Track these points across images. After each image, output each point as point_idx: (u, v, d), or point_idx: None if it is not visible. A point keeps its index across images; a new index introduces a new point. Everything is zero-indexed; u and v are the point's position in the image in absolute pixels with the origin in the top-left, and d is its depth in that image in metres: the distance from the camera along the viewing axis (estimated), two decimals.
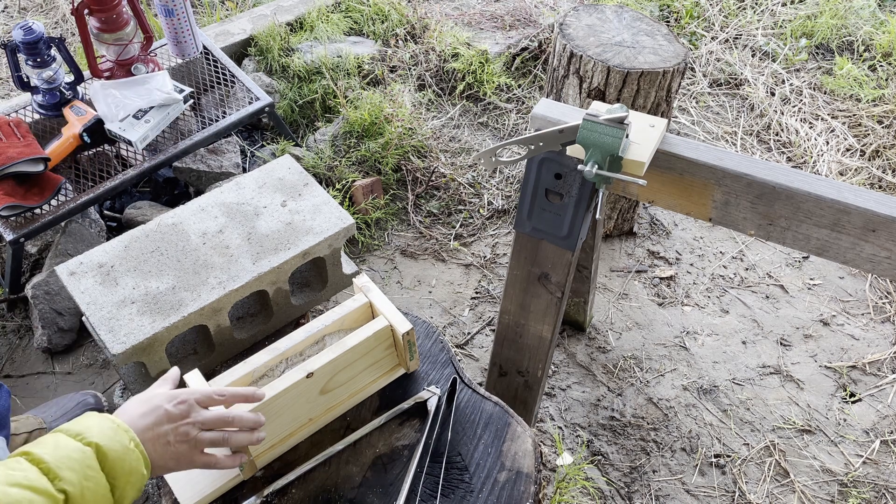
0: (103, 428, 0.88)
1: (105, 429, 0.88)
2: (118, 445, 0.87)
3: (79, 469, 0.82)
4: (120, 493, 0.87)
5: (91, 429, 0.88)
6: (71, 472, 0.82)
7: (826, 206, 1.17)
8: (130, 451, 0.88)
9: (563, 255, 1.44)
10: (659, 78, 1.86)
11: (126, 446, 0.88)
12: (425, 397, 1.26)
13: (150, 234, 1.56)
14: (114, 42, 2.09)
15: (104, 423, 0.89)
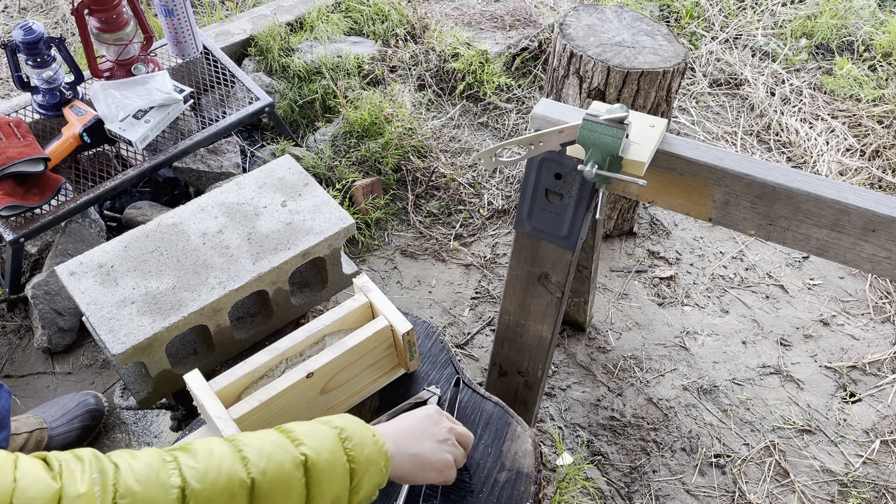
0: (348, 419, 0.93)
1: (349, 419, 0.92)
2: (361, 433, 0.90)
3: (321, 443, 0.85)
4: (357, 481, 0.88)
5: (340, 417, 0.92)
6: (314, 440, 0.85)
7: (826, 206, 1.17)
8: (372, 441, 0.91)
9: (563, 255, 1.44)
10: (659, 78, 1.86)
11: (369, 437, 0.91)
12: (425, 397, 1.26)
13: (150, 234, 1.56)
14: (114, 42, 2.09)
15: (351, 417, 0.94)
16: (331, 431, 0.88)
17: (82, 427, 1.79)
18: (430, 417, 1.03)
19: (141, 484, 0.71)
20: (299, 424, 0.88)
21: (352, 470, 0.87)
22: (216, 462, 0.77)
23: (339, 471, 0.85)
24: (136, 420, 1.90)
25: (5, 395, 1.53)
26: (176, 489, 0.72)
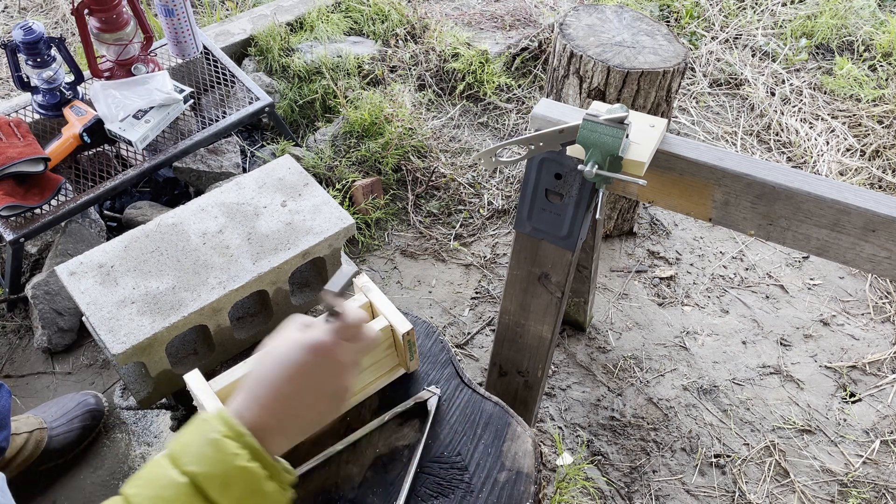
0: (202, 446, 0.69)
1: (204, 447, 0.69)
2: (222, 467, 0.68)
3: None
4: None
5: (188, 449, 0.69)
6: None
7: (826, 206, 1.17)
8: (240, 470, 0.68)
9: (563, 255, 1.44)
10: (659, 78, 1.86)
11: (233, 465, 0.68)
12: (425, 397, 1.26)
13: (150, 234, 1.56)
14: (114, 42, 2.09)
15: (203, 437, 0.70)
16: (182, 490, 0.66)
17: (82, 427, 1.79)
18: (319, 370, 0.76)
19: None
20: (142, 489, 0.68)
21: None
22: None
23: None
24: (136, 420, 1.90)
25: (5, 394, 1.53)
26: None
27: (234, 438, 0.69)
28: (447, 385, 1.29)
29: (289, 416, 0.74)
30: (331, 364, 0.77)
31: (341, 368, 0.78)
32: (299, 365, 0.75)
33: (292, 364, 0.75)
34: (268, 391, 0.74)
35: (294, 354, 0.76)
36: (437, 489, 1.15)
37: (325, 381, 0.77)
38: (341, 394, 0.79)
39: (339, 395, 0.79)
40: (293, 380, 0.75)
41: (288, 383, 0.75)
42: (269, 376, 0.75)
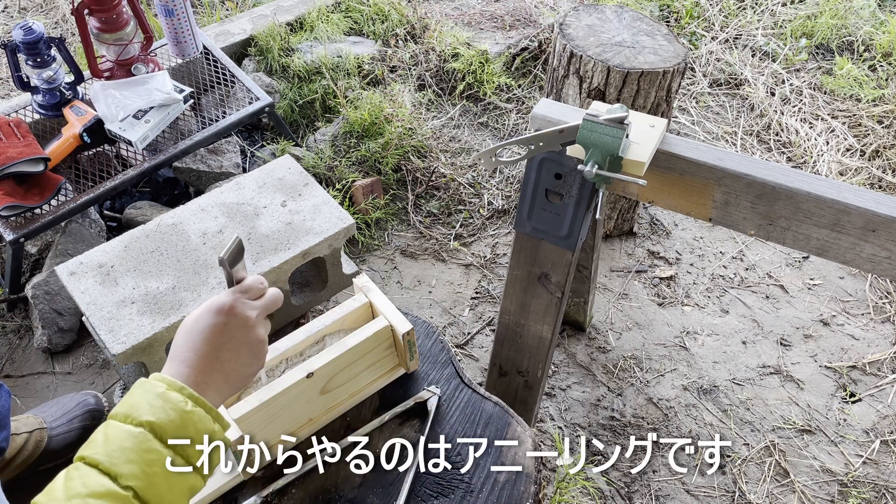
0: (151, 399, 0.78)
1: (153, 399, 0.78)
2: (173, 414, 0.78)
3: (137, 457, 0.74)
4: (199, 458, 0.79)
5: (138, 406, 0.78)
6: (129, 464, 0.74)
7: (826, 206, 1.17)
8: (189, 413, 0.78)
9: (563, 255, 1.44)
10: (659, 78, 1.86)
11: (183, 410, 0.78)
12: (425, 397, 1.26)
13: (150, 234, 1.56)
14: (114, 42, 2.09)
15: (151, 392, 0.79)
16: (141, 436, 0.75)
17: (82, 427, 1.79)
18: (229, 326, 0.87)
19: None
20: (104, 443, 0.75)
21: (186, 457, 0.77)
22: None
23: (175, 472, 0.76)
24: None
25: (5, 394, 1.53)
26: None
27: (178, 391, 0.80)
28: (447, 385, 1.29)
29: (214, 371, 0.85)
30: (236, 319, 0.88)
31: (247, 321, 0.89)
32: (210, 326, 0.87)
33: (204, 327, 0.87)
34: (190, 353, 0.85)
35: (203, 318, 0.87)
36: (437, 489, 1.15)
37: (236, 336, 0.87)
38: (256, 346, 0.90)
39: (255, 348, 0.90)
40: (208, 340, 0.86)
41: (204, 343, 0.86)
42: (188, 342, 0.86)
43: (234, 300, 0.89)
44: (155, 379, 0.82)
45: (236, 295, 0.90)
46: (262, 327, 0.92)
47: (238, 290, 0.91)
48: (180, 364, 0.85)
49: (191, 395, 0.81)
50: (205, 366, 0.85)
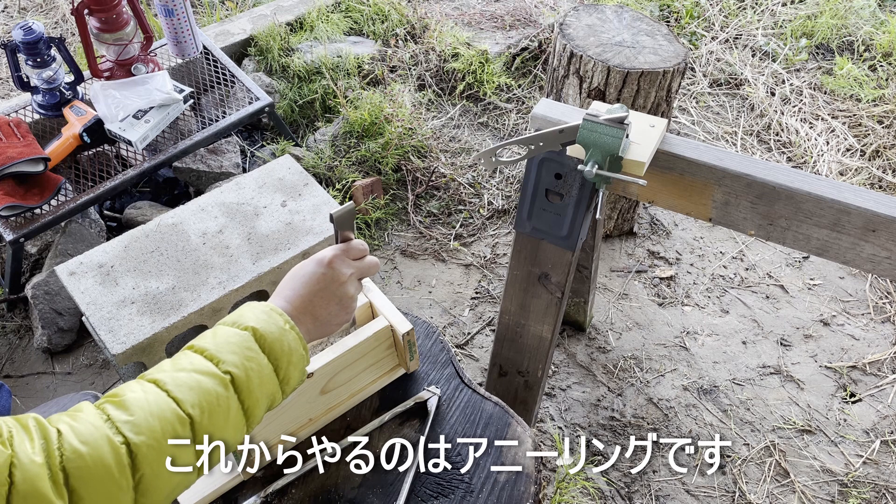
0: (257, 313, 0.90)
1: (259, 313, 0.90)
2: (274, 327, 0.89)
3: (239, 351, 0.85)
4: (284, 374, 0.89)
5: (245, 316, 0.90)
6: (232, 354, 0.84)
7: (826, 206, 1.17)
8: (286, 331, 0.90)
9: (563, 255, 1.44)
10: (659, 78, 1.86)
11: (282, 327, 0.89)
12: (425, 397, 1.26)
13: (150, 234, 1.56)
14: (114, 42, 2.09)
15: (258, 308, 0.91)
16: (245, 336, 0.87)
17: None
18: (325, 277, 0.98)
19: (87, 445, 0.73)
20: (212, 337, 0.87)
21: (276, 367, 0.88)
22: (149, 409, 0.78)
23: (265, 373, 0.87)
24: None
25: (5, 394, 1.53)
26: (121, 445, 0.74)
27: (279, 314, 0.91)
28: (447, 385, 1.29)
29: (307, 313, 0.96)
30: (333, 273, 0.98)
31: (340, 277, 0.99)
32: (310, 273, 0.98)
33: (306, 273, 0.98)
34: (290, 292, 0.97)
35: (307, 266, 0.99)
36: (437, 489, 1.15)
37: (330, 286, 0.98)
38: (346, 300, 1.00)
39: (344, 301, 0.99)
40: (307, 284, 0.97)
41: (303, 286, 0.97)
42: (291, 283, 0.98)
43: (334, 256, 0.99)
44: (261, 303, 0.93)
45: (338, 251, 1.00)
46: (353, 286, 1.01)
47: (340, 248, 1.01)
48: (281, 299, 0.96)
49: (288, 320, 0.91)
50: (300, 305, 0.96)
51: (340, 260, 1.00)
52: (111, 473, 0.73)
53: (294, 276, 0.99)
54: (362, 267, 1.03)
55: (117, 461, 0.73)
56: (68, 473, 0.71)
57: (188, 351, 0.86)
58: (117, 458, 0.73)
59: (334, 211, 1.00)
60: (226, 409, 0.82)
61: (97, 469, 0.72)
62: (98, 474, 0.72)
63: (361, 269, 1.03)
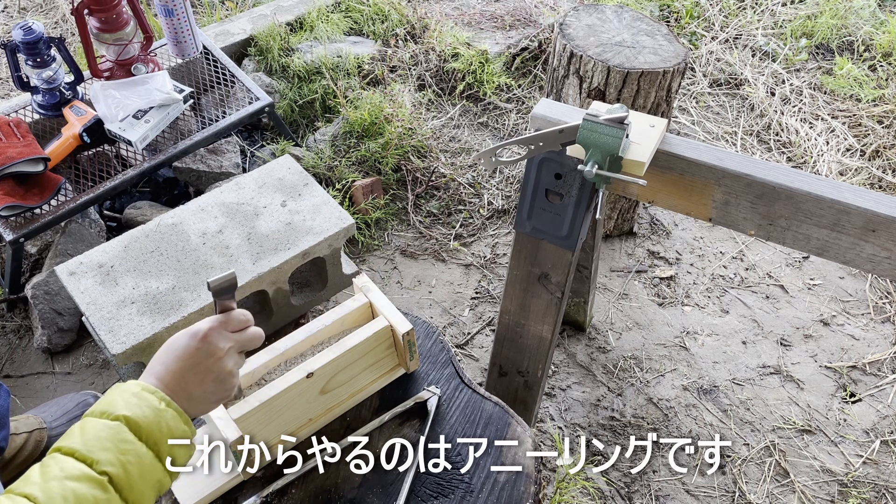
0: (127, 398, 0.85)
1: (129, 398, 0.85)
2: (147, 410, 0.84)
3: (112, 446, 0.80)
4: (168, 456, 0.85)
5: (115, 403, 0.85)
6: (105, 451, 0.79)
7: (826, 206, 1.17)
8: (162, 412, 0.85)
9: (563, 255, 1.44)
10: (659, 78, 1.86)
11: (156, 408, 0.85)
12: (425, 397, 1.26)
13: (150, 234, 1.56)
14: (114, 42, 2.09)
15: (127, 392, 0.86)
16: (117, 428, 0.82)
17: None
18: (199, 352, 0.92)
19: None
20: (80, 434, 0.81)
21: (157, 452, 0.84)
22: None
23: (146, 462, 0.82)
24: None
25: (5, 394, 1.53)
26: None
27: (151, 393, 0.86)
28: (447, 385, 1.29)
29: (179, 390, 0.90)
30: (208, 347, 0.92)
31: (218, 351, 0.93)
32: (183, 347, 0.92)
33: (178, 347, 0.92)
34: (162, 367, 0.91)
35: (180, 339, 0.93)
36: (437, 489, 1.15)
37: (205, 361, 0.92)
38: (223, 376, 0.94)
39: (222, 377, 0.94)
40: (179, 360, 0.91)
41: (175, 362, 0.91)
42: (163, 358, 0.92)
43: (209, 328, 0.93)
44: (130, 383, 0.88)
45: (215, 324, 0.94)
46: (232, 360, 0.95)
47: (218, 320, 0.95)
48: (151, 376, 0.91)
49: (163, 398, 0.87)
50: (171, 382, 0.90)
51: (217, 333, 0.94)
52: None
53: (166, 350, 0.93)
54: (242, 340, 0.96)
55: None
56: None
57: (57, 454, 0.80)
58: None
59: (211, 279, 0.93)
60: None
61: None
62: None
63: (241, 342, 0.96)
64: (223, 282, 0.94)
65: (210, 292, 0.94)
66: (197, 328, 0.93)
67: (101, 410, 0.84)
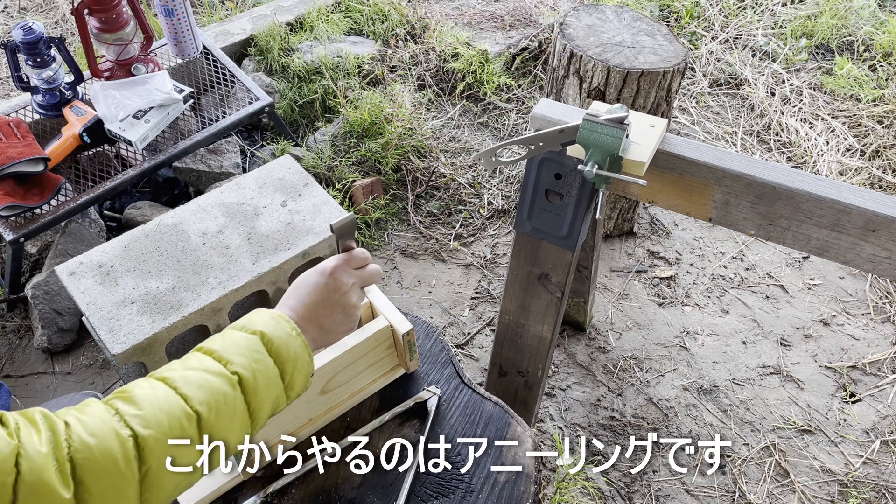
0: (266, 318, 0.92)
1: (268, 319, 0.92)
2: (281, 333, 0.91)
3: (247, 353, 0.87)
4: (289, 379, 0.91)
5: (254, 320, 0.92)
6: (240, 356, 0.86)
7: (826, 206, 1.17)
8: (293, 337, 0.92)
9: (563, 255, 1.44)
10: (659, 78, 1.86)
11: (289, 333, 0.92)
12: (425, 397, 1.26)
13: (150, 234, 1.56)
14: (114, 42, 2.09)
15: (266, 314, 0.94)
16: (253, 340, 0.89)
17: None
18: (328, 287, 1.00)
19: (95, 437, 0.73)
20: (221, 339, 0.89)
21: (282, 371, 0.90)
22: (157, 405, 0.79)
23: (271, 376, 0.88)
24: None
25: (5, 394, 1.53)
26: (129, 438, 0.75)
27: (286, 321, 0.93)
28: (447, 385, 1.29)
29: (312, 322, 0.98)
30: (335, 283, 1.00)
31: (344, 286, 1.01)
32: (314, 283, 1.00)
33: (309, 283, 1.00)
34: (295, 301, 0.99)
35: (310, 276, 1.01)
36: (437, 489, 1.15)
37: (333, 296, 1.00)
38: (349, 309, 1.02)
39: (347, 310, 1.02)
40: (311, 294, 0.99)
41: (307, 296, 0.99)
42: (295, 293, 1.00)
43: (335, 266, 1.01)
44: (267, 310, 0.95)
45: (339, 262, 1.02)
46: (356, 295, 1.04)
47: (342, 258, 1.03)
48: (286, 308, 0.99)
49: (295, 328, 0.93)
50: (304, 314, 0.98)
51: (342, 270, 1.02)
52: (118, 465, 0.73)
53: (298, 286, 1.01)
54: (364, 276, 1.05)
55: (124, 454, 0.74)
56: (75, 464, 0.71)
57: (197, 352, 0.88)
58: (124, 450, 0.74)
59: (334, 222, 1.01)
60: (232, 409, 0.84)
61: (104, 460, 0.72)
62: (105, 466, 0.72)
63: (363, 278, 1.05)
64: (346, 222, 1.02)
65: (333, 234, 1.02)
66: (325, 266, 1.01)
67: (241, 325, 0.92)
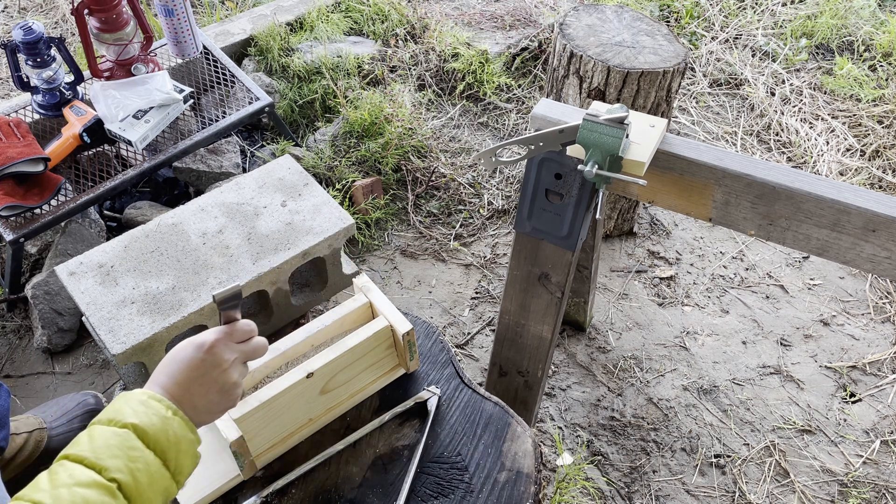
0: (135, 406, 0.85)
1: (137, 406, 0.85)
2: (155, 419, 0.84)
3: (121, 453, 0.80)
4: (174, 465, 0.85)
5: (122, 411, 0.85)
6: (114, 458, 0.80)
7: (826, 206, 1.17)
8: (169, 420, 0.85)
9: (563, 255, 1.44)
10: (659, 78, 1.86)
11: (164, 416, 0.85)
12: (425, 397, 1.26)
13: (150, 234, 1.56)
14: (114, 42, 2.09)
15: (134, 400, 0.86)
16: (125, 435, 0.82)
17: (82, 427, 1.79)
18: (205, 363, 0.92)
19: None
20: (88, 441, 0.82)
21: (164, 461, 0.84)
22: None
23: (154, 470, 0.82)
24: None
25: (5, 394, 1.53)
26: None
27: (158, 401, 0.87)
28: (447, 385, 1.29)
29: (185, 401, 0.90)
30: (213, 358, 0.92)
31: (224, 363, 0.93)
32: (189, 359, 0.92)
33: (184, 358, 0.92)
34: (166, 379, 0.91)
35: (186, 350, 0.93)
36: (437, 489, 1.15)
37: (210, 373, 0.92)
38: (228, 387, 0.94)
39: (227, 388, 0.94)
40: (184, 371, 0.91)
41: (180, 373, 0.91)
42: (167, 368, 0.92)
43: (216, 339, 0.93)
44: (137, 391, 0.88)
45: (220, 335, 0.94)
46: (237, 371, 0.95)
47: (223, 331, 0.95)
48: (156, 386, 0.91)
49: (169, 406, 0.87)
50: (176, 393, 0.90)
51: (223, 344, 0.94)
52: None
53: (171, 360, 0.93)
54: (247, 350, 0.97)
55: None
56: None
57: (66, 462, 0.80)
58: None
59: (216, 292, 0.93)
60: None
61: None
62: None
63: (246, 353, 0.97)
64: (228, 294, 0.94)
65: (215, 304, 0.93)
66: (202, 339, 0.93)
67: (108, 418, 0.84)
